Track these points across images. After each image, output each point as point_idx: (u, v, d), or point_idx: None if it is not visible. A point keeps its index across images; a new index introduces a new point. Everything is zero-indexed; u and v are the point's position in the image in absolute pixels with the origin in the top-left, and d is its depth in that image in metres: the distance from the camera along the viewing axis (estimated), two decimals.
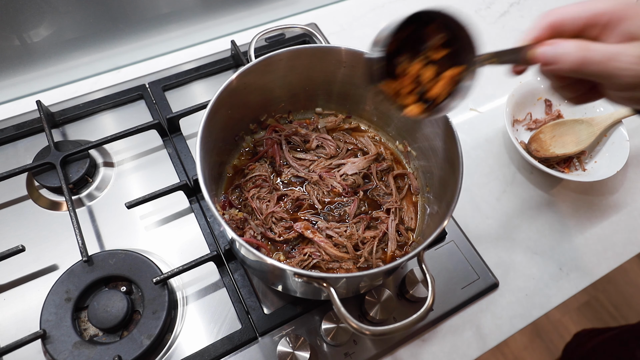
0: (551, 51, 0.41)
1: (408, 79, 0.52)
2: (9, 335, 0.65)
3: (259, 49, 0.94)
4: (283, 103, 0.78)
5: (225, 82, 0.62)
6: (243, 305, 0.68)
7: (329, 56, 0.69)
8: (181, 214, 0.78)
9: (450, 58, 0.52)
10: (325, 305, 0.69)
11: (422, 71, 0.52)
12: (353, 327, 0.49)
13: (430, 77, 0.52)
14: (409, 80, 0.52)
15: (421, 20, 0.50)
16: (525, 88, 0.92)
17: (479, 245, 0.79)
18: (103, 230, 0.75)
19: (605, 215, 0.86)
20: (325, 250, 0.66)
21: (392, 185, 0.74)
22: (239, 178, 0.73)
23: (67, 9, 0.82)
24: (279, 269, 0.51)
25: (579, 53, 0.40)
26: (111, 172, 0.81)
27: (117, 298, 0.65)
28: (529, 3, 1.17)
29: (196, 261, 0.68)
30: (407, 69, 0.52)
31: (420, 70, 0.52)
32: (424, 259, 0.55)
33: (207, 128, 0.59)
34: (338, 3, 1.12)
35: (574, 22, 0.42)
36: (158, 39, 0.96)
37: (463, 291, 0.73)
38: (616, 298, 1.92)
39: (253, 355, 0.66)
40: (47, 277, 0.70)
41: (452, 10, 0.48)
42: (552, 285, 0.77)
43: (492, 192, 0.87)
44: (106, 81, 0.93)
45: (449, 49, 0.51)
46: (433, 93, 0.51)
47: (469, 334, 0.72)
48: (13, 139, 0.83)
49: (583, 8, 0.42)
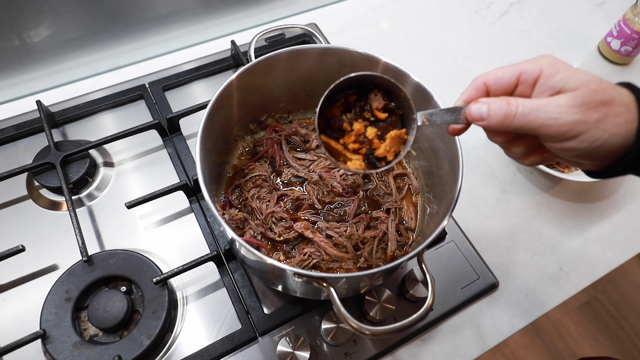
0: (477, 108, 0.44)
1: (353, 136, 0.55)
2: (9, 335, 0.65)
3: (259, 49, 0.94)
4: (283, 103, 0.78)
5: (225, 82, 0.62)
6: (243, 305, 0.68)
7: (329, 56, 0.69)
8: (181, 214, 0.78)
9: (395, 118, 0.55)
10: (325, 305, 0.69)
11: (367, 130, 0.54)
12: (353, 327, 0.49)
13: (375, 136, 0.54)
14: (354, 137, 0.55)
15: (365, 82, 0.54)
16: None
17: (479, 245, 0.79)
18: (103, 230, 0.75)
19: (605, 215, 0.86)
20: (325, 250, 0.66)
21: (392, 185, 0.74)
22: (239, 178, 0.73)
23: (67, 9, 0.82)
24: (279, 269, 0.51)
25: (502, 108, 0.42)
26: (111, 172, 0.81)
27: (117, 298, 0.65)
28: (529, 3, 1.17)
29: (196, 261, 0.68)
30: (352, 127, 0.55)
31: (366, 129, 0.55)
32: (424, 259, 0.55)
33: (207, 128, 0.59)
34: (338, 3, 1.12)
35: (503, 81, 0.44)
36: (158, 39, 0.96)
37: (463, 291, 0.73)
38: (616, 298, 1.92)
39: (253, 355, 0.66)
40: (47, 277, 0.70)
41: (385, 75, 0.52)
42: (552, 285, 0.77)
43: (492, 192, 0.87)
44: (106, 81, 0.93)
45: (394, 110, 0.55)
46: (379, 152, 0.54)
47: (469, 334, 0.72)
48: (13, 139, 0.83)
49: (512, 68, 0.44)
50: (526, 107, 0.41)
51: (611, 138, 0.40)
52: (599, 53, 1.09)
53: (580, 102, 0.40)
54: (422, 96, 0.64)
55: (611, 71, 1.06)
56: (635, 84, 0.43)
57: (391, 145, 0.54)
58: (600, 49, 1.08)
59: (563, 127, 0.40)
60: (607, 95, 0.40)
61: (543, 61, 0.43)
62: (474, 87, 0.46)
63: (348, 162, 0.54)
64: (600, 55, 1.09)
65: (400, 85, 0.52)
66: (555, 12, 1.16)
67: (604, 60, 1.08)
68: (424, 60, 1.04)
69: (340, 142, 0.55)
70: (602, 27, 1.13)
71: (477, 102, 0.44)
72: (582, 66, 1.07)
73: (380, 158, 0.54)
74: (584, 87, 0.40)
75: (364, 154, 0.55)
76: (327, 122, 0.55)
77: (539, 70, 0.42)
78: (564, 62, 0.43)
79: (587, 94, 0.40)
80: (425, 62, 1.04)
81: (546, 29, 1.12)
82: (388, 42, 1.06)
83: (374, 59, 0.67)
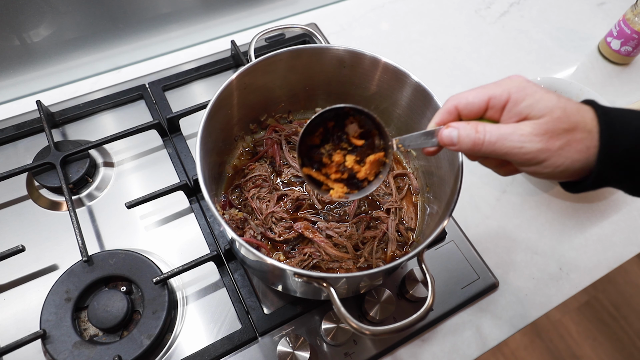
0: (449, 134, 0.46)
1: (333, 166, 0.58)
2: (9, 335, 0.65)
3: (259, 49, 0.94)
4: (283, 103, 0.78)
5: (225, 82, 0.62)
6: (243, 305, 0.68)
7: (329, 56, 0.69)
8: (181, 214, 0.78)
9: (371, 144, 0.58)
10: (325, 305, 0.69)
11: (346, 159, 0.58)
12: (353, 327, 0.49)
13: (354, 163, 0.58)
14: (334, 167, 0.58)
15: (340, 114, 0.57)
16: None
17: (479, 245, 0.79)
18: (103, 230, 0.75)
19: (605, 215, 0.86)
20: (325, 250, 0.66)
21: (392, 185, 0.74)
22: (239, 178, 0.73)
23: (67, 9, 0.82)
24: (279, 269, 0.51)
25: (471, 136, 0.44)
26: (111, 172, 0.81)
27: (117, 298, 0.65)
28: (529, 3, 1.17)
29: (196, 261, 0.68)
30: (332, 157, 0.58)
31: (345, 158, 0.58)
32: (424, 259, 0.55)
33: (207, 128, 0.59)
34: (338, 3, 1.12)
35: (474, 106, 0.46)
36: (158, 39, 0.96)
37: (463, 291, 0.73)
38: (616, 298, 1.92)
39: (253, 355, 0.66)
40: (47, 277, 0.70)
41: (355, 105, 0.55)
42: (552, 285, 0.77)
43: (492, 192, 0.87)
44: (106, 81, 0.93)
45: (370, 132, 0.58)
46: (360, 175, 0.57)
47: (469, 334, 0.72)
48: (13, 139, 0.83)
49: (482, 92, 0.45)
50: (493, 135, 0.43)
51: (573, 164, 0.42)
52: (599, 53, 1.09)
53: (543, 131, 0.41)
54: (422, 96, 0.64)
55: (611, 71, 1.06)
56: (598, 102, 0.44)
57: (371, 168, 0.57)
58: (600, 49, 1.08)
59: (527, 155, 0.42)
60: (571, 122, 0.41)
61: (511, 85, 0.44)
62: (446, 110, 0.48)
63: (331, 191, 0.57)
64: (600, 55, 1.09)
65: (373, 114, 0.55)
66: (555, 12, 1.16)
67: (604, 60, 1.08)
68: (424, 60, 1.04)
69: (323, 171, 0.59)
70: (602, 27, 1.13)
71: (448, 127, 0.46)
72: (582, 66, 1.07)
73: (362, 179, 0.58)
74: (548, 115, 0.41)
75: (345, 179, 0.58)
76: (308, 150, 0.59)
77: (507, 96, 0.44)
78: (532, 85, 0.44)
79: (550, 122, 0.41)
80: (425, 62, 1.04)
81: (546, 29, 1.12)
82: (388, 42, 1.06)
83: (374, 59, 0.67)
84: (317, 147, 0.59)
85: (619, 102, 1.01)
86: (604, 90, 1.03)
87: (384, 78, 0.69)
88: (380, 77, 0.70)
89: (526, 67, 1.05)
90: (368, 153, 0.57)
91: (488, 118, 0.46)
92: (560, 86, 0.92)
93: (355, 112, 0.56)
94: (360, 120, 0.58)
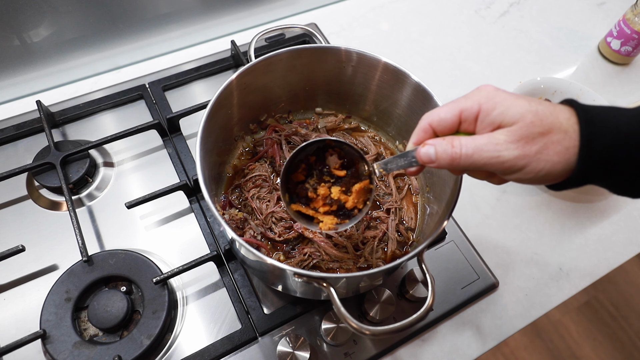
0: (426, 151, 0.46)
1: (320, 201, 0.59)
2: (9, 335, 0.65)
3: (259, 49, 0.94)
4: (283, 103, 0.78)
5: (225, 82, 0.62)
6: (243, 305, 0.68)
7: (329, 56, 0.69)
8: (181, 214, 0.78)
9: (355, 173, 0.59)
10: (325, 305, 0.69)
11: (332, 191, 0.59)
12: (353, 327, 0.49)
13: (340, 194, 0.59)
14: (321, 201, 0.59)
15: (320, 147, 0.58)
16: (525, 88, 0.91)
17: (479, 245, 0.79)
18: (103, 230, 0.75)
19: (605, 215, 0.86)
20: (325, 250, 0.66)
21: (392, 185, 0.74)
22: (239, 178, 0.73)
23: (67, 9, 0.82)
24: (279, 269, 0.51)
25: (447, 151, 0.44)
26: (111, 172, 0.81)
27: (117, 298, 0.65)
28: (529, 3, 1.17)
29: (196, 261, 0.68)
30: (317, 191, 0.59)
31: (330, 190, 0.59)
32: (424, 259, 0.55)
33: (207, 128, 0.60)
34: (338, 3, 1.12)
35: (447, 122, 0.46)
36: (158, 39, 0.96)
37: (463, 291, 0.73)
38: (616, 298, 1.92)
39: (253, 355, 0.66)
40: (47, 277, 0.70)
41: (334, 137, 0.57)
42: (552, 285, 0.77)
43: (492, 192, 0.87)
44: (106, 81, 0.93)
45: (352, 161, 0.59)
46: (348, 205, 0.58)
47: (469, 334, 0.72)
48: (13, 139, 0.83)
49: (453, 107, 0.45)
50: (469, 147, 0.43)
51: (554, 167, 0.41)
52: (599, 53, 1.09)
53: (518, 137, 0.41)
54: (422, 96, 0.64)
55: (611, 71, 1.06)
56: (577, 101, 0.43)
57: (358, 197, 0.58)
58: (600, 49, 1.08)
59: (506, 164, 0.42)
60: (545, 125, 0.41)
61: (480, 96, 0.44)
62: (421, 129, 0.47)
63: (320, 224, 0.58)
64: (600, 55, 1.09)
65: (350, 143, 0.56)
66: (555, 12, 1.16)
67: (604, 60, 1.08)
68: (424, 60, 1.04)
69: (311, 206, 0.59)
70: (602, 27, 1.13)
71: (424, 145, 0.46)
72: (582, 66, 1.07)
73: (352, 208, 0.58)
74: (520, 121, 0.41)
75: (335, 210, 0.59)
76: (294, 186, 0.60)
77: (477, 107, 0.44)
78: (501, 93, 0.43)
79: (524, 127, 0.41)
80: (425, 62, 1.04)
81: (546, 29, 1.12)
82: (388, 42, 1.06)
83: (374, 59, 0.67)
84: (302, 183, 0.60)
85: (619, 102, 1.01)
86: (604, 90, 1.03)
87: (384, 78, 0.69)
88: (380, 77, 0.70)
89: (526, 67, 1.05)
90: (353, 182, 0.58)
91: (464, 131, 0.46)
92: (560, 86, 0.92)
93: (336, 143, 0.57)
94: (342, 150, 0.58)
